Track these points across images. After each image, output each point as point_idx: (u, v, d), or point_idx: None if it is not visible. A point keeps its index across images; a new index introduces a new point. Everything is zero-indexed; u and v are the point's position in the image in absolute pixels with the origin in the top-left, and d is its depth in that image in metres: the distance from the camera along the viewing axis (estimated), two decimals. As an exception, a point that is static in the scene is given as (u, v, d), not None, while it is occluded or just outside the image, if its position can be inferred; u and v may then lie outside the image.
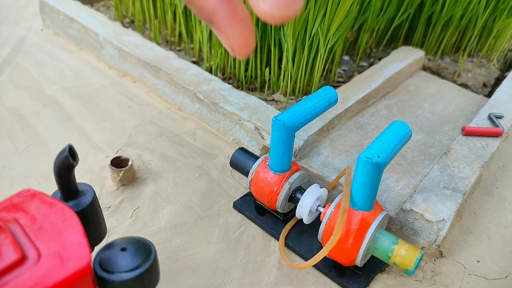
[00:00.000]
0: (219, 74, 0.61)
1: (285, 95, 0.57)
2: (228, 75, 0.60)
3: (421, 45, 0.70)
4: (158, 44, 0.63)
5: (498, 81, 0.67)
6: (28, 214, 0.21)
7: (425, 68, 0.68)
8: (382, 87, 0.56)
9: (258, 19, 0.52)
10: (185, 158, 0.47)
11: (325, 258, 0.36)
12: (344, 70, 0.66)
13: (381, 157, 0.29)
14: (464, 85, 0.65)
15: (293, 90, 0.57)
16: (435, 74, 0.67)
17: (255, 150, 0.47)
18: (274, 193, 0.36)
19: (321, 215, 0.34)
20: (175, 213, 0.40)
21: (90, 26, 0.63)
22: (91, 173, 0.44)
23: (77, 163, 0.23)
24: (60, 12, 0.67)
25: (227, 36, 0.20)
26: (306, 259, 0.37)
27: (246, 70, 0.60)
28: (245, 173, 0.39)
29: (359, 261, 0.32)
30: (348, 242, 0.32)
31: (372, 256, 0.35)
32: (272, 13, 0.17)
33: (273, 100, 0.56)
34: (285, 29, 0.50)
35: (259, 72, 0.58)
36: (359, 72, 0.63)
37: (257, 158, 0.39)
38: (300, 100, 0.36)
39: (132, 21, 0.76)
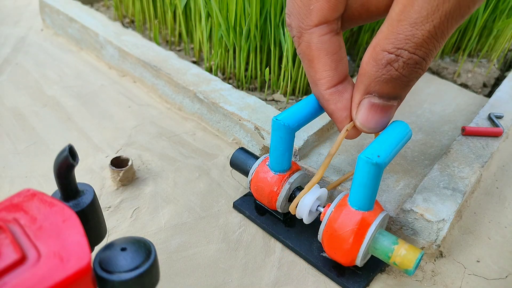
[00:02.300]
0: (219, 74, 0.61)
1: (285, 95, 0.57)
2: (228, 75, 0.60)
3: (421, 45, 0.70)
4: (158, 44, 0.63)
5: (498, 81, 0.67)
6: (28, 214, 0.21)
7: (425, 68, 0.68)
8: (382, 87, 0.56)
9: (257, 19, 0.52)
10: (185, 158, 0.47)
11: (325, 258, 0.36)
12: (344, 70, 0.66)
13: (381, 157, 0.29)
14: (464, 85, 0.65)
15: (293, 90, 0.57)
16: (435, 74, 0.67)
17: (255, 150, 0.47)
18: (274, 193, 0.36)
19: (321, 215, 0.34)
20: (175, 213, 0.40)
21: (90, 26, 0.63)
22: (91, 173, 0.44)
23: (77, 163, 0.23)
24: (60, 12, 0.67)
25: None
26: (306, 259, 0.37)
27: (246, 70, 0.60)
28: (245, 173, 0.40)
29: (359, 261, 0.32)
30: (348, 242, 0.32)
31: (372, 256, 0.35)
32: (361, 128, 0.28)
33: (273, 100, 0.56)
34: (285, 29, 0.50)
35: (259, 72, 0.58)
36: (359, 72, 0.63)
37: (257, 158, 0.39)
38: (300, 100, 0.36)
39: (132, 21, 0.76)
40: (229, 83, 0.57)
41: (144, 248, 0.22)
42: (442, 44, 0.23)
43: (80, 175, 0.44)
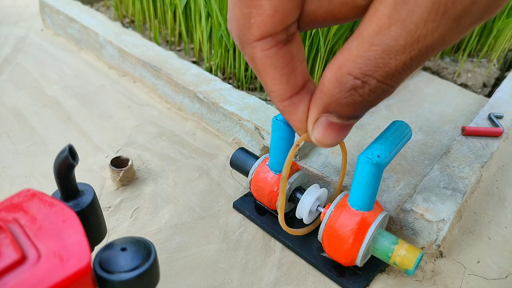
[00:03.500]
0: (219, 74, 0.61)
1: (285, 95, 0.57)
2: (228, 75, 0.60)
3: (421, 45, 0.70)
4: (158, 44, 0.63)
5: (498, 81, 0.67)
6: (28, 214, 0.21)
7: (425, 68, 0.68)
8: (382, 87, 0.56)
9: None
10: (185, 158, 0.47)
11: (325, 258, 0.36)
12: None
13: (381, 157, 0.29)
14: (464, 85, 0.65)
15: (293, 90, 0.57)
16: (435, 74, 0.67)
17: (255, 150, 0.47)
18: (274, 193, 0.36)
19: (321, 215, 0.34)
20: (175, 213, 0.40)
21: (90, 26, 0.63)
22: (91, 173, 0.44)
23: (77, 163, 0.23)
24: (60, 12, 0.67)
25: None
26: (306, 259, 0.37)
27: (246, 70, 0.60)
28: (245, 173, 0.39)
29: (359, 261, 0.32)
30: (348, 242, 0.32)
31: (372, 256, 0.35)
32: (317, 144, 0.25)
33: (273, 100, 0.56)
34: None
35: (259, 72, 0.58)
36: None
37: (257, 158, 0.39)
38: (300, 100, 0.36)
39: (132, 21, 0.76)
40: (229, 83, 0.57)
41: (144, 248, 0.22)
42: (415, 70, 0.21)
43: (80, 175, 0.44)
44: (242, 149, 0.41)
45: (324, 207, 0.35)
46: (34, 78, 0.60)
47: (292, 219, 0.40)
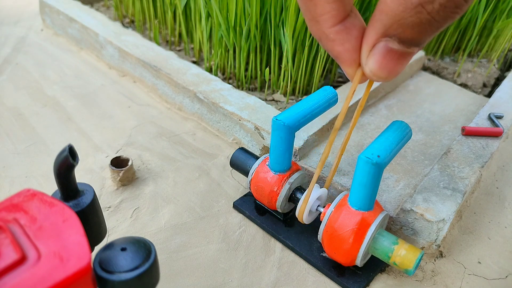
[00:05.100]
0: (219, 74, 0.61)
1: (285, 95, 0.57)
2: (228, 75, 0.60)
3: (421, 45, 0.70)
4: (158, 44, 0.63)
5: (498, 81, 0.67)
6: (28, 214, 0.21)
7: (425, 68, 0.68)
8: (382, 87, 0.56)
9: (257, 19, 0.52)
10: (185, 158, 0.47)
11: (325, 258, 0.36)
12: (344, 70, 0.65)
13: (381, 157, 0.29)
14: (464, 85, 0.65)
15: (293, 90, 0.57)
16: (435, 74, 0.67)
17: (255, 150, 0.47)
18: (274, 193, 0.36)
19: (321, 215, 0.34)
20: (175, 213, 0.40)
21: (90, 26, 0.63)
22: (91, 173, 0.44)
23: (77, 163, 0.23)
24: (60, 12, 0.67)
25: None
26: (306, 259, 0.37)
27: (246, 70, 0.60)
28: (245, 173, 0.39)
29: (359, 261, 0.32)
30: (348, 242, 0.32)
31: (372, 256, 0.35)
32: (371, 76, 0.22)
33: (273, 100, 0.56)
34: (285, 29, 0.50)
35: (259, 72, 0.58)
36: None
37: (257, 158, 0.39)
38: (300, 100, 0.36)
39: (132, 21, 0.76)
40: (229, 83, 0.57)
41: (144, 248, 0.22)
42: None
43: (80, 175, 0.44)
44: (242, 149, 0.41)
45: (324, 207, 0.35)
46: (34, 78, 0.60)
47: (292, 219, 0.40)
